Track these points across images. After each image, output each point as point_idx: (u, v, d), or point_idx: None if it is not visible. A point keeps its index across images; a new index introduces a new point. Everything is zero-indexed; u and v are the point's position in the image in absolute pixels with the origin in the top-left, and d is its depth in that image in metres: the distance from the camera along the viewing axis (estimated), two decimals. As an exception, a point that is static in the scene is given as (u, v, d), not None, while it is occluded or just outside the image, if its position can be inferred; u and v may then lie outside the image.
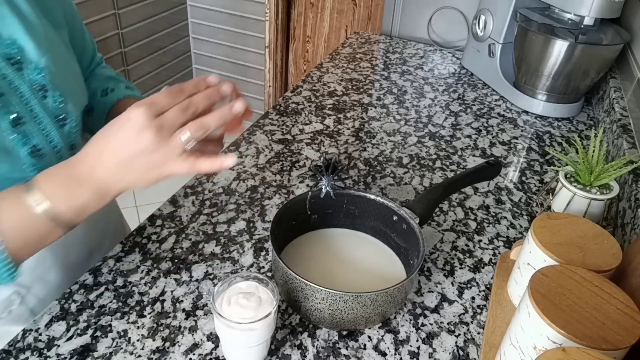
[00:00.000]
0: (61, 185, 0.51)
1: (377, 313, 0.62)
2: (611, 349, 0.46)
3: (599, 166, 0.76)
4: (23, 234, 0.51)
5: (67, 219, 0.52)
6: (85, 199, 0.52)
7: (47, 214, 0.50)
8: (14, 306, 0.68)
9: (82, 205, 0.52)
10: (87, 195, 0.51)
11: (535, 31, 1.16)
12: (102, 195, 0.52)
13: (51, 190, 0.50)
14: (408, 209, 0.70)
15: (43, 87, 0.59)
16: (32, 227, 0.51)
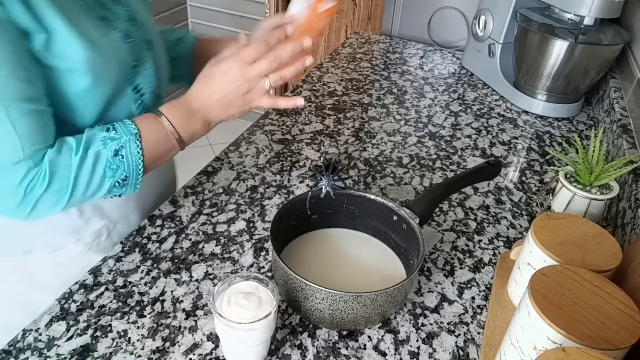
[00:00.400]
0: (181, 116, 0.70)
1: (377, 313, 0.62)
2: (611, 349, 0.46)
3: (599, 166, 0.76)
4: (157, 147, 0.69)
5: (185, 141, 0.71)
6: (197, 127, 0.71)
7: (174, 135, 0.69)
8: (102, 238, 0.79)
9: (194, 131, 0.71)
10: (198, 125, 0.71)
11: (535, 31, 1.16)
12: (209, 124, 0.73)
13: (175, 119, 0.69)
14: (408, 209, 0.70)
15: (149, 41, 0.75)
16: (163, 143, 0.69)
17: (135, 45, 0.71)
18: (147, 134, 0.67)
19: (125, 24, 0.70)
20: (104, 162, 0.64)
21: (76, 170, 0.62)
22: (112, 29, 0.67)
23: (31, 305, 0.74)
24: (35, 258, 0.75)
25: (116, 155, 0.64)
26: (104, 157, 0.63)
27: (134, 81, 0.72)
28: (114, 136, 0.64)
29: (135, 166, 0.66)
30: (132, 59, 0.70)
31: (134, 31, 0.71)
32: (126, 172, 0.65)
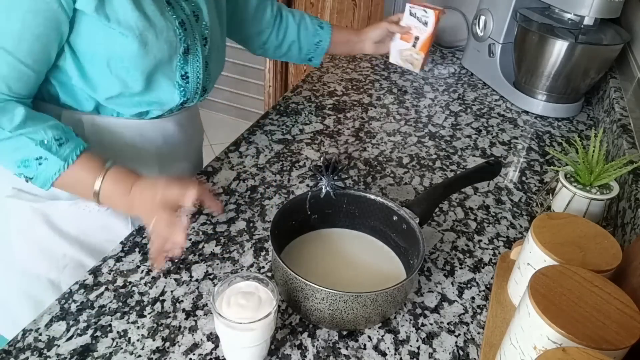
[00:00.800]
0: (116, 189, 0.70)
1: (377, 313, 0.61)
2: (611, 349, 0.46)
3: (599, 166, 0.76)
4: (73, 186, 0.71)
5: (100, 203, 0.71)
6: (119, 204, 0.71)
7: (95, 195, 0.70)
8: None
9: (114, 205, 0.72)
10: (121, 204, 0.71)
11: (535, 31, 1.16)
12: (128, 210, 0.73)
13: (109, 187, 0.70)
14: (408, 209, 0.70)
15: (206, 38, 0.81)
16: (81, 189, 0.71)
17: (189, 35, 0.77)
18: (76, 171, 0.69)
19: (185, 15, 0.77)
20: (23, 154, 0.67)
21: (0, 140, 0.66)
22: (172, 13, 0.74)
23: (49, 252, 0.84)
24: (59, 205, 0.81)
25: (37, 160, 0.67)
26: (26, 152, 0.67)
27: (183, 67, 0.78)
28: (50, 145, 0.67)
29: (44, 180, 0.69)
30: (184, 45, 0.76)
31: (192, 24, 0.78)
32: (34, 176, 0.68)
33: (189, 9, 0.78)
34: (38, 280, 0.85)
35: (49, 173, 0.68)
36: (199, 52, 0.80)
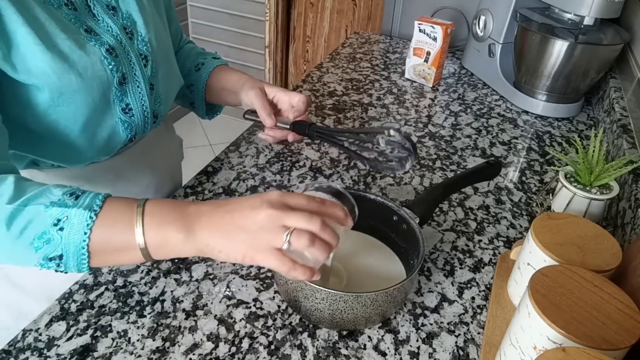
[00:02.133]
0: (162, 210, 0.52)
1: (377, 313, 0.62)
2: (611, 349, 0.46)
3: (599, 166, 0.76)
4: (111, 234, 0.52)
5: (149, 241, 0.52)
6: (172, 232, 0.51)
7: (138, 226, 0.52)
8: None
9: (167, 235, 0.52)
10: (176, 231, 0.51)
11: (535, 31, 1.16)
12: (190, 240, 0.52)
13: (152, 209, 0.52)
14: (408, 209, 0.70)
15: (146, 57, 0.71)
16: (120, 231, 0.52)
17: (122, 61, 0.67)
18: (108, 213, 0.52)
19: (113, 38, 0.66)
20: (36, 229, 0.50)
21: (1, 222, 0.49)
22: (95, 42, 0.64)
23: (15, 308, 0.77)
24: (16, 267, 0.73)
25: (55, 225, 0.50)
26: (39, 223, 0.50)
27: (122, 99, 0.68)
28: (65, 201, 0.51)
29: (76, 247, 0.51)
30: (117, 75, 0.66)
31: (125, 45, 0.67)
32: (62, 251, 0.51)
33: (117, 28, 0.67)
34: (8, 330, 0.78)
35: (78, 235, 0.50)
36: (138, 77, 0.70)
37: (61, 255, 0.51)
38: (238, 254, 0.51)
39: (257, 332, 0.63)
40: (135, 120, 0.72)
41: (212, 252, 0.52)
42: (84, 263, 0.52)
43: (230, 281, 0.70)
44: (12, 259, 0.52)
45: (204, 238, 0.51)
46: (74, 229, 0.50)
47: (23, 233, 0.50)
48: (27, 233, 0.50)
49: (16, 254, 0.51)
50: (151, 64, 0.72)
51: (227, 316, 0.65)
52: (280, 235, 0.50)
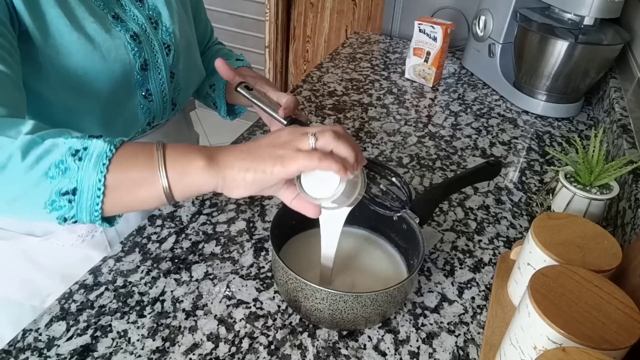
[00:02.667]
0: (182, 148, 0.50)
1: (377, 313, 0.61)
2: (611, 349, 0.46)
3: (599, 166, 0.76)
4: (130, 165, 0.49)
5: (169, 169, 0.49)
6: (194, 160, 0.49)
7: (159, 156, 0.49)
8: (97, 232, 0.79)
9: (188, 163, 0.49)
10: (197, 159, 0.49)
11: (535, 31, 1.16)
12: (212, 167, 0.49)
13: (171, 148, 0.50)
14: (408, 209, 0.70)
15: (168, 46, 0.74)
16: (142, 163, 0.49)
17: (145, 47, 0.70)
18: (128, 147, 0.50)
19: (138, 26, 0.70)
20: (55, 157, 0.47)
21: (14, 151, 0.47)
22: (120, 28, 0.67)
23: (30, 283, 0.80)
24: (33, 240, 0.77)
25: (74, 156, 0.48)
26: (59, 151, 0.48)
27: (143, 84, 0.72)
28: (84, 138, 0.49)
29: (92, 181, 0.47)
30: (139, 60, 0.70)
31: (149, 34, 0.71)
32: (77, 183, 0.48)
33: (143, 17, 0.71)
34: (20, 306, 0.83)
35: (96, 166, 0.47)
36: (160, 64, 0.73)
37: (75, 189, 0.47)
38: (267, 166, 0.49)
39: (257, 332, 0.63)
40: (155, 105, 0.75)
41: (236, 177, 0.49)
42: (98, 202, 0.48)
43: (230, 281, 0.70)
44: (21, 195, 0.48)
45: (228, 161, 0.49)
46: (92, 159, 0.47)
47: (39, 162, 0.47)
48: (43, 162, 0.47)
49: (28, 186, 0.47)
50: (173, 53, 0.75)
51: (227, 316, 0.65)
52: (304, 138, 0.49)
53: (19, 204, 0.48)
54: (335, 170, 0.49)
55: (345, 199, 0.55)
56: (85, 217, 0.49)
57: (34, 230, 0.77)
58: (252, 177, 0.49)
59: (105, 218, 0.51)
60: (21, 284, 0.81)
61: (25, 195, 0.48)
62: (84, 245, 0.79)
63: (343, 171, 0.49)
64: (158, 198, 0.50)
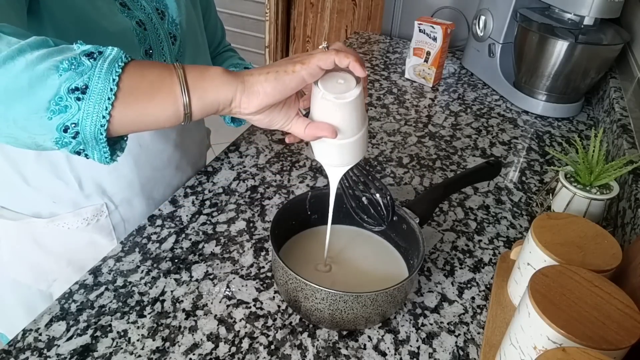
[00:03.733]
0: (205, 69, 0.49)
1: (377, 313, 0.61)
2: (611, 349, 0.46)
3: (599, 166, 0.76)
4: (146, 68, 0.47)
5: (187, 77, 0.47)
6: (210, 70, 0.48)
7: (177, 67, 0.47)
8: (102, 216, 0.80)
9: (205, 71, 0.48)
10: (213, 70, 0.48)
11: (535, 31, 1.16)
12: (231, 77, 0.48)
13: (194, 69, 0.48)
14: (408, 209, 0.70)
15: (174, 36, 0.76)
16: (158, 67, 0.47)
17: (150, 34, 0.71)
18: (141, 61, 0.48)
19: (144, 15, 0.71)
20: (68, 55, 0.44)
21: (24, 46, 0.43)
22: (127, 14, 0.68)
23: (37, 266, 0.82)
24: (40, 223, 0.78)
25: (89, 56, 0.44)
26: (72, 52, 0.44)
27: None
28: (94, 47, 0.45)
29: (106, 80, 0.43)
30: (145, 46, 0.70)
31: (155, 22, 0.72)
32: (89, 80, 0.43)
33: (150, 8, 0.72)
34: (29, 289, 0.85)
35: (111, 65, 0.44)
36: (165, 52, 0.74)
37: (86, 86, 0.43)
38: (287, 66, 0.49)
39: (257, 332, 0.63)
40: None
41: (256, 80, 0.49)
42: (108, 107, 0.43)
43: (230, 281, 0.70)
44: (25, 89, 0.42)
45: (247, 71, 0.50)
46: (107, 60, 0.44)
47: (50, 57, 0.43)
48: (54, 57, 0.43)
49: (34, 78, 0.42)
50: (179, 43, 0.76)
51: (227, 316, 0.65)
52: (318, 49, 0.53)
53: (19, 104, 0.43)
54: (354, 59, 0.51)
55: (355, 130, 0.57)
56: (90, 126, 0.44)
57: (40, 212, 0.78)
58: (274, 77, 0.49)
59: (109, 142, 0.47)
60: (30, 267, 0.83)
61: (30, 89, 0.42)
62: (89, 229, 0.80)
63: (359, 62, 0.51)
64: (174, 105, 0.47)
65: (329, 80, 0.55)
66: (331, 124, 0.55)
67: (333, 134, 0.55)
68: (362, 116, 0.57)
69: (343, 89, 0.55)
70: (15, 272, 0.84)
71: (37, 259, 0.82)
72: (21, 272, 0.84)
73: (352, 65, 0.51)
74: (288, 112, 0.54)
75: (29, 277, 0.84)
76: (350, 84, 0.55)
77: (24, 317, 0.64)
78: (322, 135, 0.55)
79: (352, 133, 0.57)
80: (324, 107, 0.55)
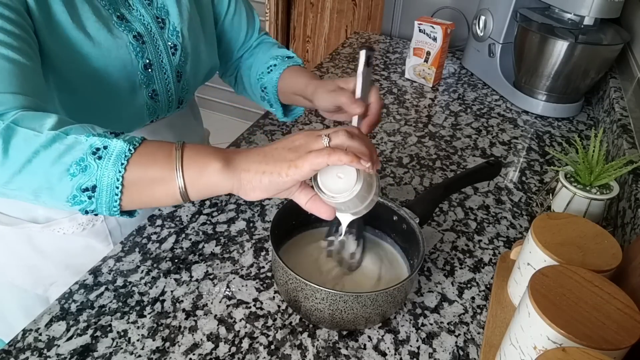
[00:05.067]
0: (199, 148, 0.52)
1: (377, 313, 0.61)
2: (611, 349, 0.46)
3: (599, 166, 0.76)
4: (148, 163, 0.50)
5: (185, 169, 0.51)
6: (209, 161, 0.50)
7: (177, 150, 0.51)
8: (97, 222, 0.80)
9: (204, 164, 0.51)
10: (213, 160, 0.50)
11: (535, 31, 1.16)
12: (227, 168, 0.51)
13: (188, 147, 0.51)
14: (408, 209, 0.70)
15: (175, 46, 0.74)
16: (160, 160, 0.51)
17: (149, 47, 0.71)
18: (147, 148, 0.52)
19: (142, 26, 0.70)
20: (75, 154, 0.49)
21: (39, 147, 0.48)
22: (124, 28, 0.68)
23: (35, 270, 0.82)
24: (36, 228, 0.78)
25: (94, 154, 0.49)
26: (80, 148, 0.49)
27: (149, 85, 0.72)
28: (106, 135, 0.51)
29: (111, 179, 0.49)
30: (144, 60, 0.70)
31: (154, 33, 0.71)
32: (97, 181, 0.49)
33: (149, 17, 0.71)
34: (26, 293, 0.85)
35: (115, 165, 0.49)
36: (165, 64, 0.73)
37: (95, 186, 0.49)
38: (282, 169, 0.50)
39: (257, 332, 0.63)
40: (161, 105, 0.76)
41: (252, 180, 0.50)
42: (116, 200, 0.50)
43: (230, 281, 0.70)
44: (46, 188, 0.50)
45: (244, 164, 0.51)
46: (112, 159, 0.49)
47: (61, 158, 0.49)
48: (65, 159, 0.49)
49: (51, 180, 0.49)
50: (180, 53, 0.75)
51: (227, 316, 0.65)
52: (318, 140, 0.51)
53: (43, 195, 0.50)
54: (346, 161, 0.49)
55: (359, 203, 0.55)
56: (105, 211, 0.51)
57: (36, 217, 0.77)
58: (268, 179, 0.50)
59: (125, 211, 0.53)
60: (27, 271, 0.83)
61: (49, 188, 0.49)
62: (85, 233, 0.80)
63: (356, 160, 0.49)
64: (174, 197, 0.51)
65: (327, 174, 0.54)
66: (331, 206, 0.55)
67: (331, 216, 0.55)
68: (363, 197, 0.55)
69: (341, 186, 0.53)
70: (12, 277, 0.84)
71: (33, 263, 0.82)
72: (18, 277, 0.84)
73: (352, 164, 0.50)
74: (290, 190, 0.53)
75: (26, 281, 0.84)
76: (349, 179, 0.53)
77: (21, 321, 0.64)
78: (321, 216, 0.55)
79: (354, 208, 0.57)
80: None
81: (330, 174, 0.53)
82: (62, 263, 0.82)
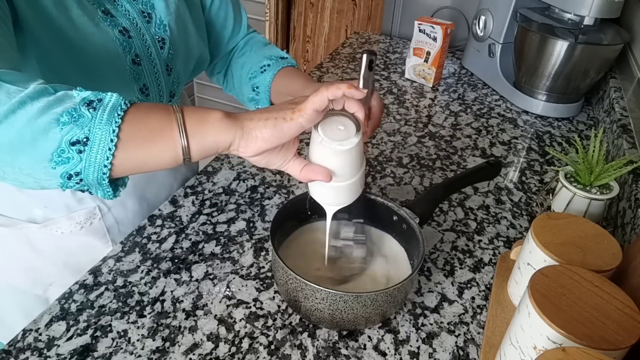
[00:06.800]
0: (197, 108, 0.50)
1: (377, 313, 0.61)
2: (611, 349, 0.46)
3: (599, 166, 0.76)
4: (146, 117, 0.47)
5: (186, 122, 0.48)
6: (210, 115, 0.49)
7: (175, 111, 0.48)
8: (95, 219, 0.80)
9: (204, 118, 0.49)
10: (213, 114, 0.49)
11: (535, 31, 1.16)
12: (228, 122, 0.49)
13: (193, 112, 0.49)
14: (408, 209, 0.70)
15: (162, 39, 0.72)
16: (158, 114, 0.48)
17: (135, 41, 0.69)
18: (141, 104, 0.49)
19: (128, 21, 0.68)
20: (68, 105, 0.44)
21: (25, 98, 0.43)
22: (109, 23, 0.66)
23: (33, 271, 0.82)
24: (34, 227, 0.78)
25: (88, 105, 0.45)
26: (72, 100, 0.45)
27: (138, 79, 0.71)
28: (97, 93, 0.47)
29: (106, 131, 0.44)
30: (131, 54, 0.68)
31: (141, 27, 0.70)
32: (90, 132, 0.44)
33: (134, 12, 0.69)
34: (25, 294, 0.85)
35: (110, 115, 0.45)
36: (154, 58, 0.72)
37: (87, 138, 0.44)
38: (286, 114, 0.50)
39: (257, 332, 0.63)
40: (151, 99, 0.75)
41: (255, 126, 0.50)
42: (109, 156, 0.45)
43: (230, 281, 0.70)
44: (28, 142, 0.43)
45: (247, 115, 0.51)
46: (107, 109, 0.45)
47: (50, 108, 0.44)
48: (54, 109, 0.44)
49: (36, 132, 0.43)
50: (169, 46, 0.73)
51: (227, 316, 0.65)
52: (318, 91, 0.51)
53: (23, 156, 0.44)
54: (344, 88, 0.50)
55: (352, 173, 0.57)
56: (93, 174, 0.46)
57: (34, 217, 0.77)
58: (273, 124, 0.50)
59: (111, 182, 0.48)
60: (25, 272, 0.83)
61: (32, 142, 0.43)
62: (83, 232, 0.80)
63: (353, 87, 0.50)
64: (174, 151, 0.48)
65: (329, 125, 0.56)
66: (327, 167, 0.56)
67: (328, 177, 0.55)
68: (359, 161, 0.58)
69: (342, 135, 0.55)
70: (11, 278, 0.84)
71: (32, 263, 0.82)
72: (17, 277, 0.84)
73: (347, 92, 0.51)
74: (286, 154, 0.55)
75: (25, 282, 0.84)
76: (350, 131, 0.55)
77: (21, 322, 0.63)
78: (317, 179, 0.56)
79: (348, 177, 0.58)
80: (322, 152, 0.55)
81: (331, 126, 0.56)
82: (61, 263, 0.82)
